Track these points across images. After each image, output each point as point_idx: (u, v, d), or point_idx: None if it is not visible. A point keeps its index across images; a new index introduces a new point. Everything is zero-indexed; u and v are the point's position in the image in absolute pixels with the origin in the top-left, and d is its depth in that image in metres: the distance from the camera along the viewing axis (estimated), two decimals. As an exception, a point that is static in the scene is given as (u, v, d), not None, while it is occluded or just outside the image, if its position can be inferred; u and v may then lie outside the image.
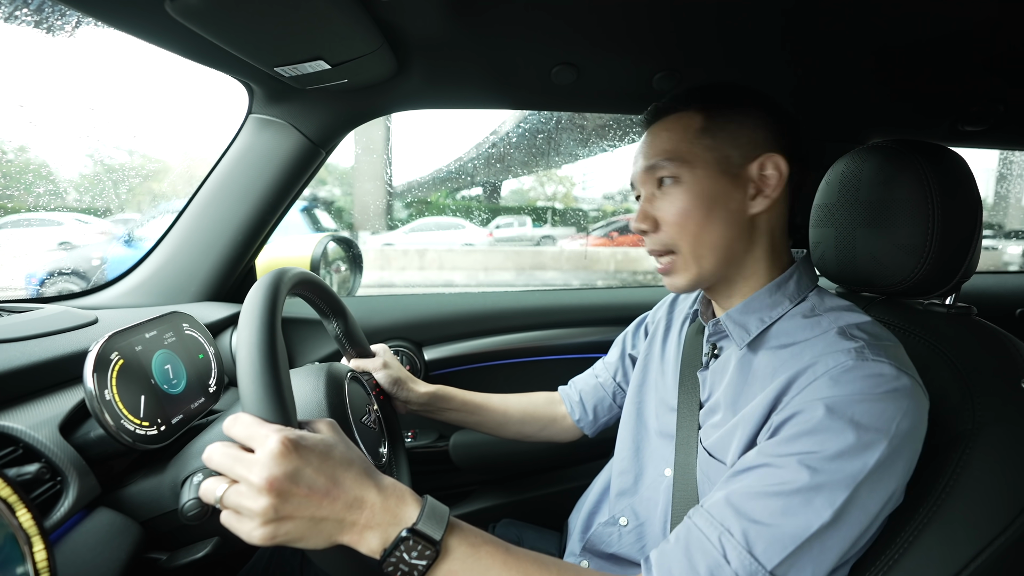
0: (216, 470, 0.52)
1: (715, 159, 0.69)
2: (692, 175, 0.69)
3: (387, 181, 8.08)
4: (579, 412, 1.06)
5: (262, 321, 0.54)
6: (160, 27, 0.77)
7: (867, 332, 0.63)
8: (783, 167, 0.69)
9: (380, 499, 0.53)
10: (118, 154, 2.49)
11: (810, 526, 0.53)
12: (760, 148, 0.69)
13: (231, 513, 0.51)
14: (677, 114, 0.73)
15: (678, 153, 0.70)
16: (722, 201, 0.69)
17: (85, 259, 2.53)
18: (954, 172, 0.72)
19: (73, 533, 0.59)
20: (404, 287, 6.80)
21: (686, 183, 0.70)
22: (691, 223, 0.69)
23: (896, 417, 0.55)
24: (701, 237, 0.70)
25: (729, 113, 0.70)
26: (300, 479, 0.50)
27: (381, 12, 0.80)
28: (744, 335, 0.71)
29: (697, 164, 0.69)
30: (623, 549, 0.81)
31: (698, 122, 0.71)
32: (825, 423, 0.55)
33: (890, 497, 0.56)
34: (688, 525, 0.60)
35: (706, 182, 0.69)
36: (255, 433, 0.50)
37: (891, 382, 0.56)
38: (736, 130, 0.70)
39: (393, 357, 0.99)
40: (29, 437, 0.59)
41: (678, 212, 0.70)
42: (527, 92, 1.14)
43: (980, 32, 0.90)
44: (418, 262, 7.61)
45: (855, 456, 0.54)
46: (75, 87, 1.65)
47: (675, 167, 0.70)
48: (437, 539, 0.52)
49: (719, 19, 0.84)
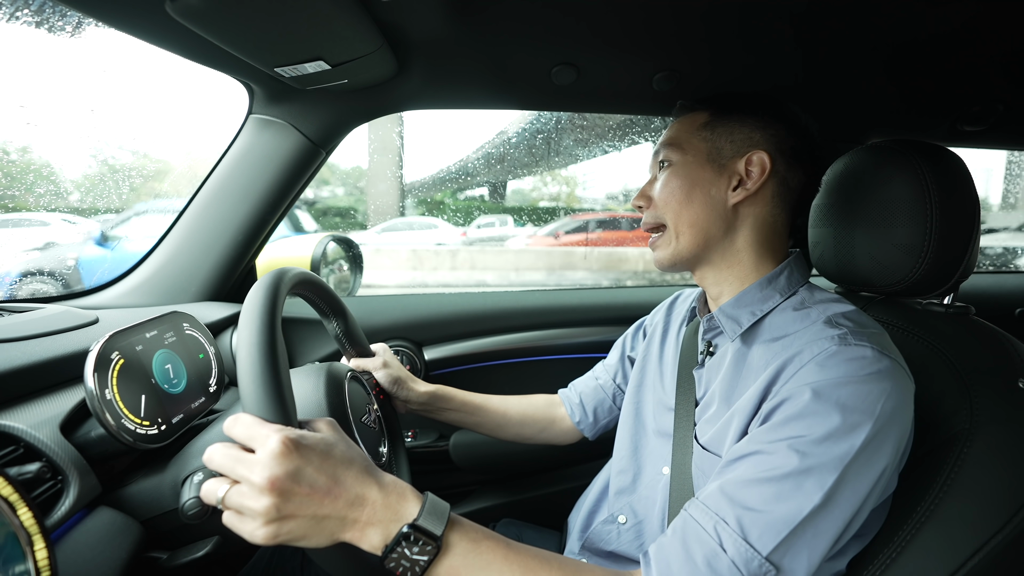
0: (217, 471, 0.52)
1: (706, 149, 0.77)
2: (682, 160, 0.77)
3: (400, 180, 8.11)
4: (579, 414, 1.06)
5: (262, 321, 0.54)
6: (160, 27, 0.78)
7: (851, 320, 0.65)
8: (767, 163, 0.73)
9: (381, 496, 0.53)
10: (119, 154, 2.49)
11: (802, 510, 0.54)
12: (754, 146, 0.74)
13: (233, 513, 0.51)
14: (692, 112, 0.81)
15: (677, 141, 0.79)
16: (703, 186, 0.75)
17: (59, 260, 2.48)
18: (952, 172, 0.72)
19: (74, 532, 0.59)
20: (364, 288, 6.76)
21: (675, 166, 0.78)
22: (673, 201, 0.76)
23: (880, 398, 0.56)
24: (681, 215, 0.76)
25: (733, 113, 0.77)
26: (301, 478, 0.50)
27: (381, 12, 0.80)
28: (736, 327, 0.73)
29: (689, 152, 0.77)
30: (622, 547, 0.82)
31: (703, 118, 0.79)
32: (812, 407, 0.57)
33: (879, 479, 0.57)
34: (684, 517, 0.60)
35: (692, 167, 0.76)
36: (256, 433, 0.51)
37: (873, 364, 0.58)
38: (734, 128, 0.76)
39: (393, 357, 0.99)
40: (30, 436, 0.59)
41: (665, 191, 0.78)
42: (527, 92, 1.14)
43: (980, 32, 0.90)
44: (390, 262, 7.68)
45: (842, 438, 0.55)
46: (75, 88, 1.65)
47: (670, 152, 0.78)
48: (438, 534, 0.53)
49: (719, 19, 0.84)
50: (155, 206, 2.55)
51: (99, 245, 2.50)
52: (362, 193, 10.03)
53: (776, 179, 0.74)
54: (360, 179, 10.28)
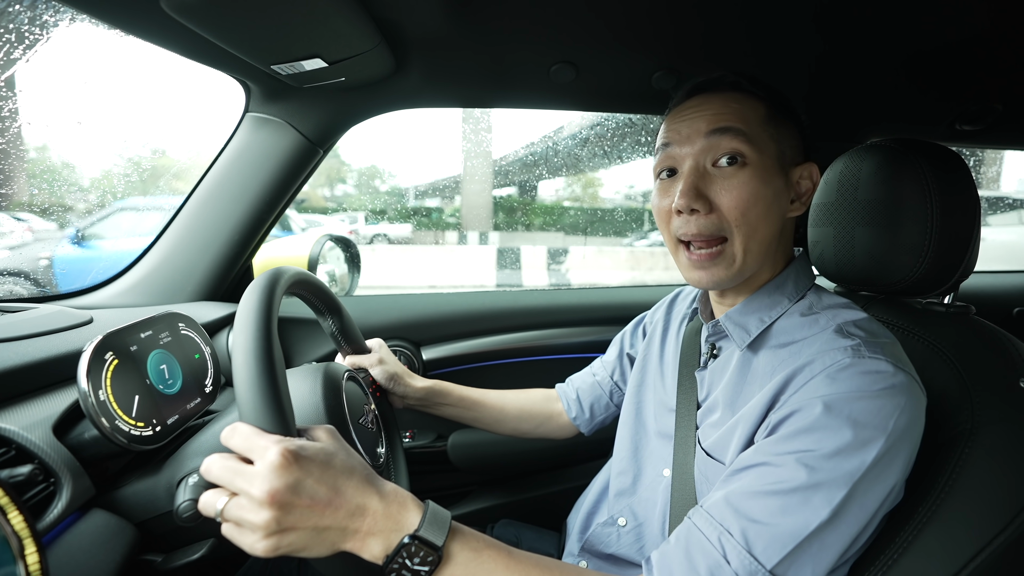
0: (215, 482, 0.52)
1: (776, 152, 0.66)
2: (760, 161, 0.64)
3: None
4: (576, 410, 1.06)
5: (258, 328, 0.54)
6: (155, 24, 0.77)
7: (864, 329, 0.63)
8: (816, 178, 0.70)
9: (382, 506, 0.53)
10: (112, 153, 2.46)
11: (808, 525, 0.53)
12: (801, 155, 0.71)
13: (232, 526, 0.50)
14: (742, 94, 0.67)
15: (748, 131, 0.64)
16: (779, 199, 0.67)
17: (32, 260, 2.40)
18: (953, 171, 0.72)
19: (67, 535, 0.58)
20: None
21: (753, 167, 0.64)
22: (752, 213, 0.64)
23: (894, 414, 0.55)
24: (757, 230, 0.65)
25: (786, 113, 0.69)
26: (302, 490, 0.49)
27: (379, 10, 0.80)
28: (745, 336, 0.71)
29: (765, 150, 0.65)
30: (622, 549, 0.81)
31: (763, 110, 0.67)
32: (823, 421, 0.55)
33: (888, 494, 0.56)
34: (688, 526, 0.59)
35: (771, 173, 0.65)
36: (254, 445, 0.50)
37: (888, 379, 0.56)
38: (789, 131, 0.69)
39: (389, 353, 0.98)
40: (22, 438, 0.59)
41: (743, 198, 0.64)
42: (526, 90, 1.13)
43: (978, 32, 0.89)
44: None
45: (852, 454, 0.54)
46: (68, 85, 1.63)
47: (742, 144, 0.64)
48: (439, 545, 0.53)
49: (719, 17, 0.84)
50: (133, 204, 2.50)
51: (77, 245, 2.47)
52: (375, 191, 10.12)
53: None
54: (374, 177, 10.37)
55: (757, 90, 0.68)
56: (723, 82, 0.69)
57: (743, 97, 0.67)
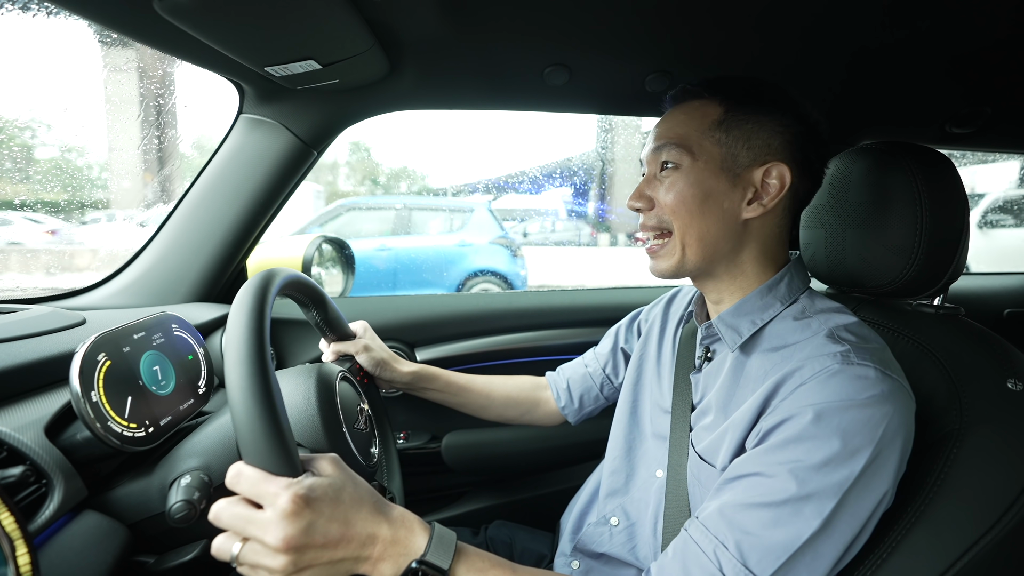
0: (226, 529, 0.52)
1: (720, 155, 0.69)
2: (693, 165, 0.69)
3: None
4: (565, 399, 1.06)
5: (252, 360, 0.52)
6: (148, 26, 0.77)
7: (853, 334, 0.63)
8: (787, 178, 0.68)
9: (391, 532, 0.55)
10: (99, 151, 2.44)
11: (801, 536, 0.54)
12: (772, 155, 0.69)
13: (248, 569, 0.51)
14: (700, 100, 0.72)
15: (686, 140, 0.70)
16: (716, 198, 0.69)
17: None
18: (942, 174, 0.72)
19: (59, 536, 0.58)
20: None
21: (684, 171, 0.70)
22: (683, 210, 0.70)
23: (882, 423, 0.55)
24: (691, 226, 0.70)
25: (750, 113, 0.69)
26: (315, 532, 0.50)
27: (372, 12, 0.80)
28: (736, 337, 0.71)
29: (700, 157, 0.69)
30: (614, 549, 0.81)
31: (716, 114, 0.70)
32: (812, 430, 0.56)
33: (880, 500, 0.56)
34: (684, 538, 0.60)
35: (705, 175, 0.69)
36: (263, 492, 0.51)
37: (876, 386, 0.57)
38: (752, 131, 0.69)
39: (375, 337, 0.98)
40: (13, 439, 0.58)
41: (673, 197, 0.70)
42: (520, 93, 1.14)
43: (968, 36, 0.90)
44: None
45: (841, 464, 0.54)
46: (49, 83, 1.62)
47: (679, 153, 0.70)
48: (445, 568, 0.54)
49: (711, 20, 0.84)
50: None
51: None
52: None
53: (790, 192, 0.69)
54: (406, 180, 10.40)
55: (716, 94, 0.71)
56: (686, 94, 0.74)
57: (701, 104, 0.72)
